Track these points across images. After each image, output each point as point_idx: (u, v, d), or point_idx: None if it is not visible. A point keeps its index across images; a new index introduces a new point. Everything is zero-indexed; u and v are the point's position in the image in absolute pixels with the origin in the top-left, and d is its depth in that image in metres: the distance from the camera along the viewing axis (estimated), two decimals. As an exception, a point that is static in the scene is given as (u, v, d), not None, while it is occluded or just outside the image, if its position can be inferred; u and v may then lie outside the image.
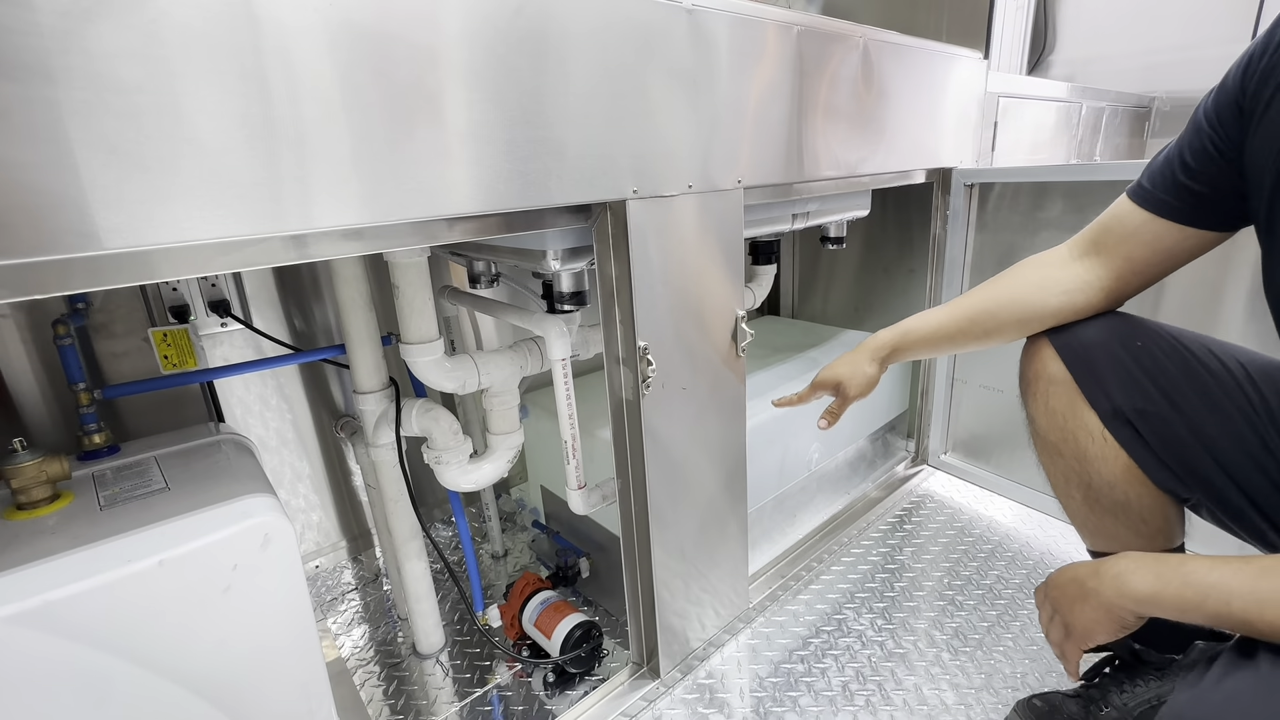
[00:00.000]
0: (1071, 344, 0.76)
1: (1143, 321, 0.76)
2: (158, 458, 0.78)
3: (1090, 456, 0.76)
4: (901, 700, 0.95)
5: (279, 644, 0.68)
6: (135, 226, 0.46)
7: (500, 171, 0.63)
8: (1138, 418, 0.71)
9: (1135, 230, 0.72)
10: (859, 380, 0.88)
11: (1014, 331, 0.80)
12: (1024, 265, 0.81)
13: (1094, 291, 0.75)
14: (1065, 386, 0.76)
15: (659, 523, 0.91)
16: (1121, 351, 0.73)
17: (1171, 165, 0.69)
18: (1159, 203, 0.70)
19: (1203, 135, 0.66)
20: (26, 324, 0.86)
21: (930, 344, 0.85)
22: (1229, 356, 0.71)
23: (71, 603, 0.55)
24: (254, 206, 0.51)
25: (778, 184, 0.96)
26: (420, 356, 0.88)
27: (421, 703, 1.00)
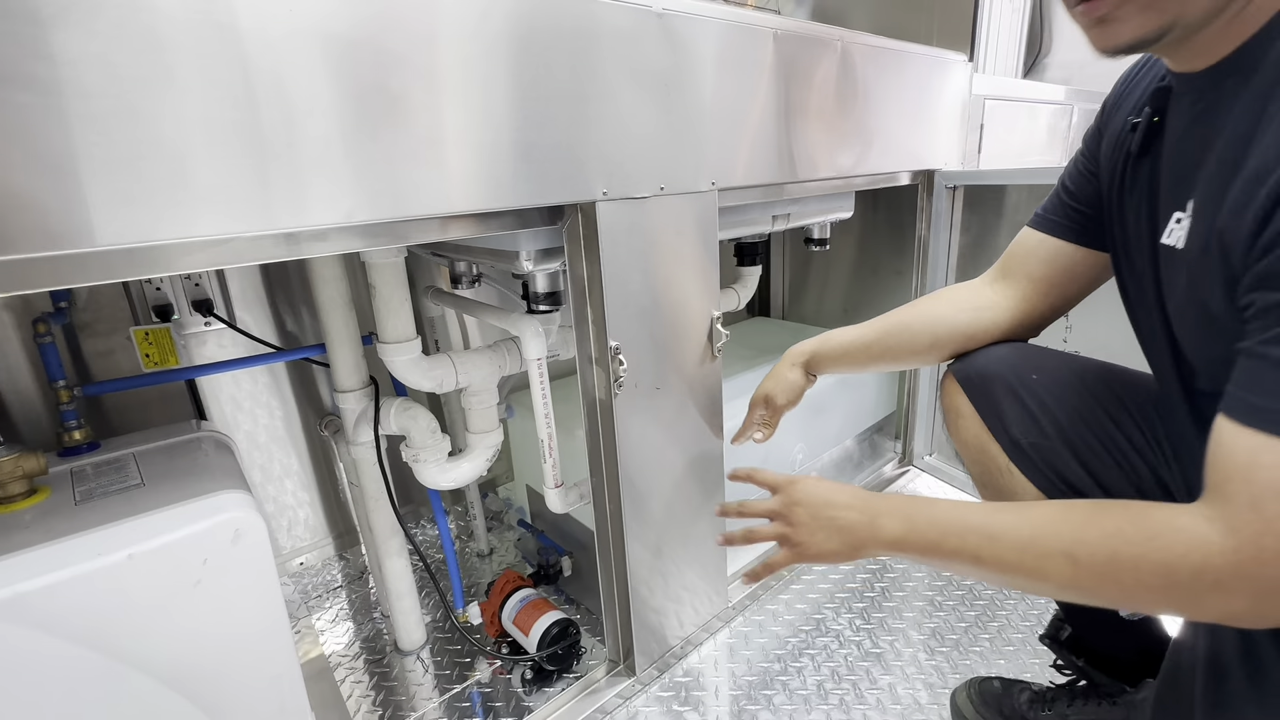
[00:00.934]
0: (971, 376, 0.78)
1: (1043, 352, 0.77)
2: (136, 454, 0.79)
3: (1004, 488, 0.77)
4: (875, 699, 0.96)
5: (251, 638, 0.70)
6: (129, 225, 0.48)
7: (467, 173, 0.64)
8: (1034, 450, 0.72)
9: (1033, 250, 0.75)
10: (783, 388, 0.89)
11: (926, 345, 0.81)
12: (941, 290, 0.85)
13: (1001, 311, 0.77)
14: (971, 420, 0.77)
15: (634, 521, 0.91)
16: (1016, 384, 0.74)
17: (1059, 190, 0.74)
18: (1050, 223, 0.74)
19: (1079, 160, 0.72)
20: (15, 323, 0.88)
21: (848, 354, 0.87)
22: (1129, 386, 0.71)
23: (42, 595, 0.57)
24: (221, 205, 0.52)
25: (754, 186, 0.96)
26: (397, 356, 0.89)
27: (401, 699, 1.01)
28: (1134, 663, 0.79)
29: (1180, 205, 0.53)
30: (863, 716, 0.93)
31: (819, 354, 0.88)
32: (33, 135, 0.44)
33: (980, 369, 0.77)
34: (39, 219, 0.45)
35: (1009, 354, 0.77)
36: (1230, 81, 0.49)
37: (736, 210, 1.03)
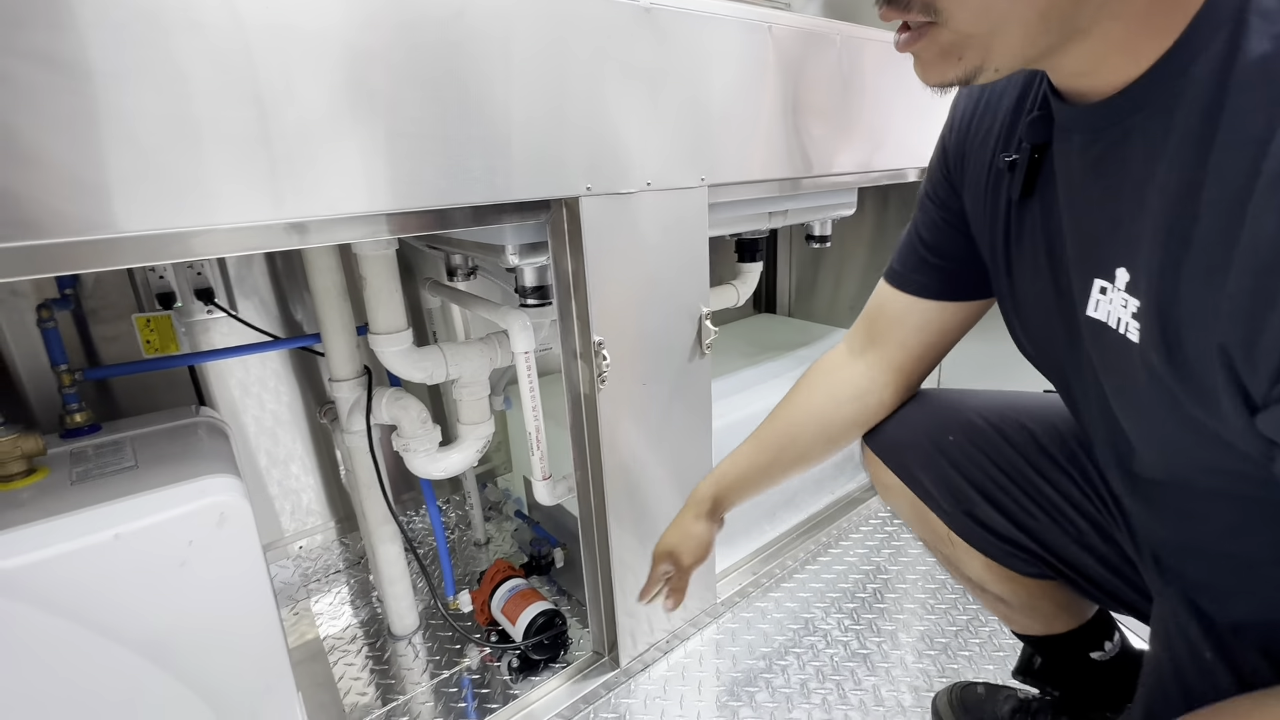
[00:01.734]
0: (890, 450, 0.73)
1: (956, 404, 0.72)
2: (133, 438, 0.82)
3: (952, 557, 0.75)
4: (858, 700, 0.95)
5: (236, 618, 0.72)
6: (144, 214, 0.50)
7: (440, 168, 0.65)
8: (970, 519, 0.69)
9: (901, 316, 0.69)
10: (689, 544, 0.77)
11: (821, 451, 0.75)
12: (813, 375, 0.76)
13: (881, 389, 0.72)
14: (902, 493, 0.74)
15: (618, 515, 0.92)
16: (935, 452, 0.69)
17: (914, 244, 0.67)
18: (915, 284, 0.67)
19: (930, 211, 0.64)
20: (24, 307, 0.91)
21: (749, 484, 0.77)
22: (1051, 430, 0.66)
23: (33, 570, 0.59)
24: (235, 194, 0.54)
25: (747, 182, 0.96)
26: (388, 346, 0.90)
27: (390, 682, 1.04)
28: (1112, 692, 0.78)
29: (1103, 273, 0.43)
30: (844, 716, 0.93)
31: (721, 495, 0.77)
32: (58, 123, 0.46)
33: (895, 440, 0.72)
34: (62, 206, 0.47)
35: (920, 417, 0.72)
36: (1138, 118, 0.39)
37: (730, 206, 1.03)
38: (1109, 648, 0.77)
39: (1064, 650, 0.77)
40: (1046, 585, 0.72)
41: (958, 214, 0.62)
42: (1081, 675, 0.78)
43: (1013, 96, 0.54)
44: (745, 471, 0.76)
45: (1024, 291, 0.55)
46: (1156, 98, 0.38)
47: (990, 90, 0.57)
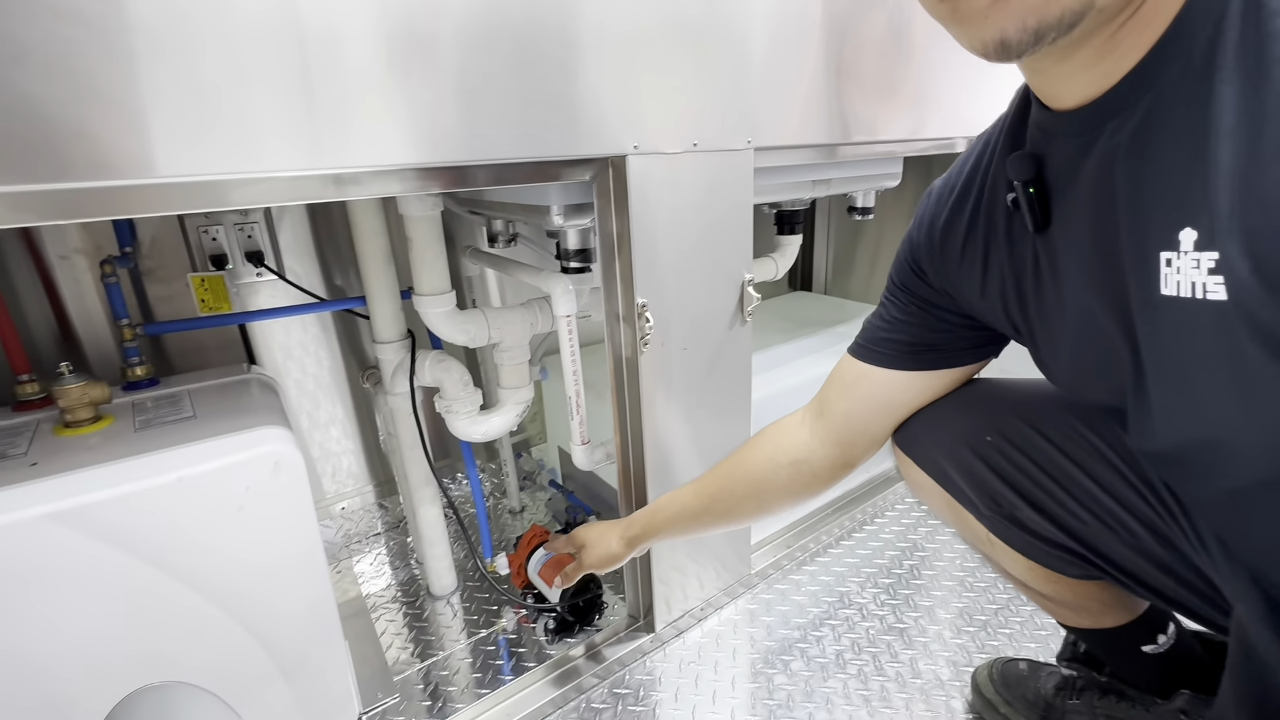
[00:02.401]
0: (923, 452, 0.71)
1: (996, 399, 0.67)
2: (190, 391, 0.85)
3: (993, 557, 0.72)
4: (895, 672, 0.95)
5: (289, 565, 0.74)
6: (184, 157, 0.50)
7: (495, 120, 0.65)
8: (1013, 522, 0.66)
9: (852, 384, 0.70)
10: (599, 552, 0.83)
11: (751, 510, 0.77)
12: (766, 434, 0.78)
13: (819, 460, 0.72)
14: (936, 494, 0.71)
15: (656, 480, 0.92)
16: (972, 456, 0.66)
17: (878, 322, 0.67)
18: (874, 354, 0.67)
19: (899, 299, 0.65)
20: (88, 265, 0.94)
21: (677, 524, 0.81)
22: (1101, 424, 0.61)
23: (102, 507, 0.62)
24: (275, 141, 0.54)
25: (793, 146, 0.94)
26: (432, 308, 0.92)
27: (431, 638, 1.06)
28: (1159, 680, 0.75)
29: (1166, 243, 0.39)
30: (880, 688, 0.92)
31: (649, 528, 0.81)
32: (97, 68, 0.47)
33: (929, 441, 0.69)
34: (103, 150, 0.48)
35: (954, 417, 0.68)
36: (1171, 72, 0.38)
37: (774, 172, 1.01)
38: (1162, 640, 0.74)
39: (1113, 643, 0.75)
40: (1094, 585, 0.69)
41: (928, 300, 0.63)
42: (1132, 667, 0.76)
43: (975, 171, 0.56)
44: (677, 513, 0.80)
45: (1062, 325, 0.52)
46: (1177, 53, 0.37)
47: (946, 184, 0.60)
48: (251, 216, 1.03)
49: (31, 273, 0.93)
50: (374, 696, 0.93)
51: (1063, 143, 0.46)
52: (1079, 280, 0.48)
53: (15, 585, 0.59)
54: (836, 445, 0.71)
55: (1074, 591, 0.70)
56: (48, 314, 0.94)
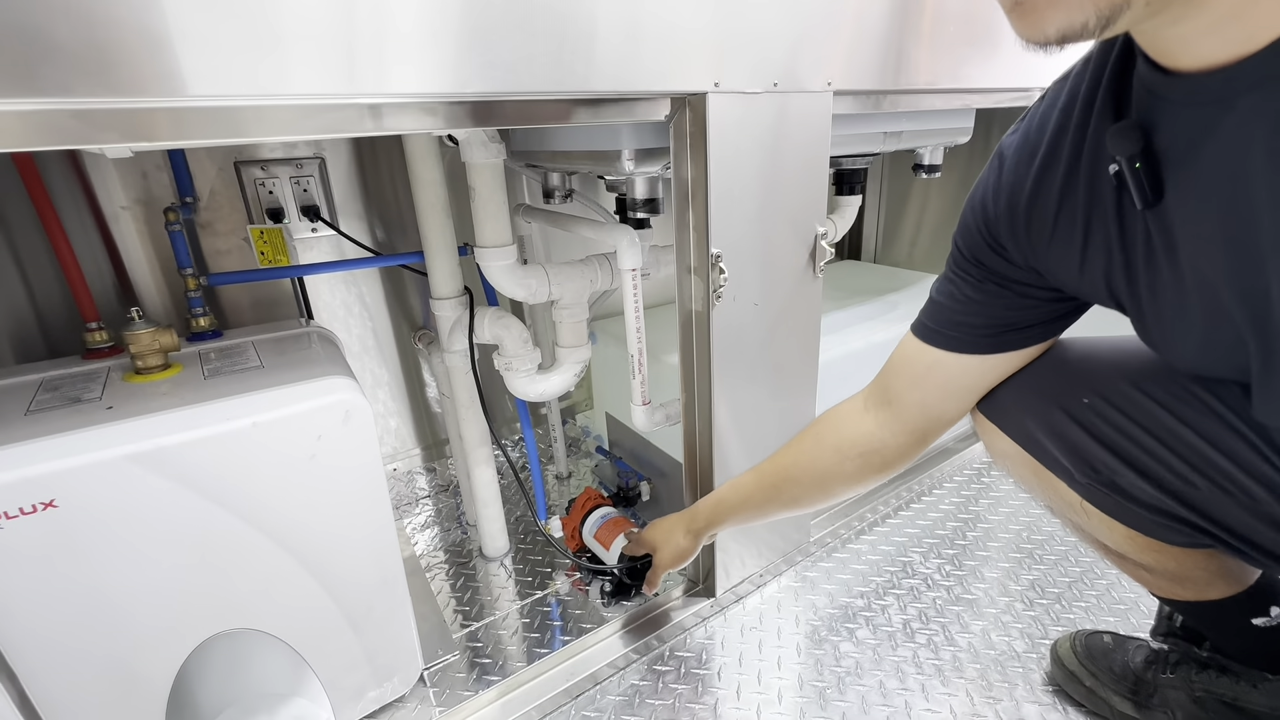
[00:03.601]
0: (1011, 418, 0.66)
1: (1093, 360, 0.63)
2: (254, 342, 0.83)
3: (1086, 526, 0.68)
4: (967, 643, 0.91)
5: (356, 515, 0.73)
6: (220, 75, 0.47)
7: (577, 48, 0.61)
8: (1111, 489, 0.61)
9: (925, 373, 0.65)
10: (670, 550, 0.84)
11: (817, 499, 0.77)
12: (824, 424, 0.76)
13: (889, 450, 0.70)
14: (1023, 462, 0.66)
15: (721, 441, 0.89)
16: (1067, 420, 0.61)
17: (950, 301, 0.62)
18: (947, 339, 0.63)
19: (969, 274, 0.61)
20: (144, 216, 0.93)
21: (740, 514, 0.81)
22: (1216, 382, 0.56)
23: (180, 450, 0.61)
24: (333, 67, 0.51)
25: (872, 91, 0.88)
26: (494, 261, 0.89)
27: (486, 599, 1.06)
28: (1272, 654, 0.71)
29: None
30: (953, 658, 0.89)
31: (714, 519, 0.82)
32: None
33: (1018, 406, 0.65)
34: (130, 63, 0.44)
35: (1047, 378, 0.63)
36: None
37: (848, 121, 0.95)
38: (1276, 613, 0.69)
39: (1218, 616, 0.71)
40: (1200, 554, 0.65)
41: (1007, 277, 0.58)
42: (1239, 641, 0.71)
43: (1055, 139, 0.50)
44: (741, 503, 0.80)
45: (1179, 302, 0.48)
46: None
47: (1024, 147, 0.54)
48: (306, 169, 1.01)
49: (90, 225, 0.92)
50: (434, 653, 0.92)
51: (1181, 113, 0.41)
52: (1200, 259, 0.44)
53: (96, 525, 0.59)
54: (909, 434, 0.69)
55: (1178, 561, 0.66)
56: (106, 267, 0.94)
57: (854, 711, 0.82)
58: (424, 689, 0.87)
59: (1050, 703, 0.82)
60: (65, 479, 0.56)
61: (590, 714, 0.83)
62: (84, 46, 0.43)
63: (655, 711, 0.83)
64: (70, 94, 0.43)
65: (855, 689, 0.85)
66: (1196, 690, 0.73)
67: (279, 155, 1.00)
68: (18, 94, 0.42)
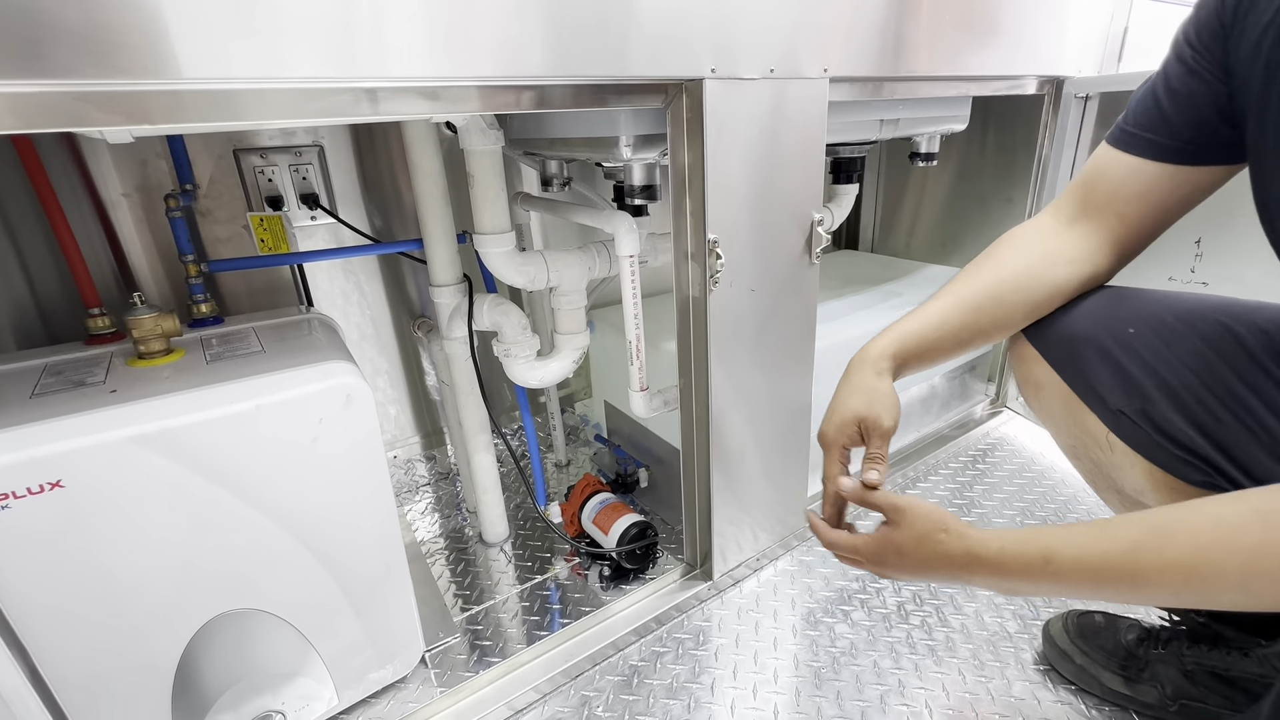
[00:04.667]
0: (1054, 343, 0.67)
1: (1136, 297, 0.66)
2: (255, 328, 0.84)
3: (1106, 464, 0.68)
4: (960, 624, 0.93)
5: (358, 498, 0.74)
6: (216, 57, 0.48)
7: (574, 31, 0.61)
8: (1141, 418, 0.62)
9: (1123, 181, 0.62)
10: (879, 405, 0.64)
11: (1023, 316, 0.69)
12: (1014, 239, 0.69)
13: (1099, 259, 0.66)
14: (1057, 390, 0.67)
15: (718, 426, 0.90)
16: (1112, 344, 0.63)
17: (1156, 99, 0.60)
18: (1146, 143, 0.60)
19: (1185, 60, 0.57)
20: (143, 204, 0.94)
21: (935, 347, 0.69)
22: (1249, 325, 0.59)
23: (183, 432, 0.62)
24: (329, 50, 0.52)
25: (868, 78, 0.89)
26: (492, 248, 0.90)
27: (486, 584, 1.07)
28: (1271, 621, 0.72)
29: None
30: (945, 638, 0.91)
31: (903, 354, 0.67)
32: None
33: (1064, 331, 0.66)
34: (123, 45, 0.45)
35: (1097, 307, 0.65)
36: None
37: (845, 109, 0.96)
38: None
39: None
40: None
41: (1218, 64, 0.55)
42: None
43: None
44: (935, 330, 0.67)
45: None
46: None
47: None
48: (305, 157, 1.02)
49: (90, 212, 0.92)
50: (435, 636, 0.94)
51: None
52: None
53: (101, 506, 0.59)
54: (1115, 245, 0.65)
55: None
56: (106, 254, 0.94)
57: (849, 690, 0.83)
58: (425, 670, 0.88)
59: (1040, 680, 0.83)
60: (71, 460, 0.57)
61: (589, 694, 0.85)
62: (83, 27, 0.43)
63: (653, 691, 0.84)
64: (71, 75, 0.44)
65: (850, 668, 0.86)
66: (1187, 664, 0.75)
67: (278, 143, 1.00)
68: (18, 75, 0.42)
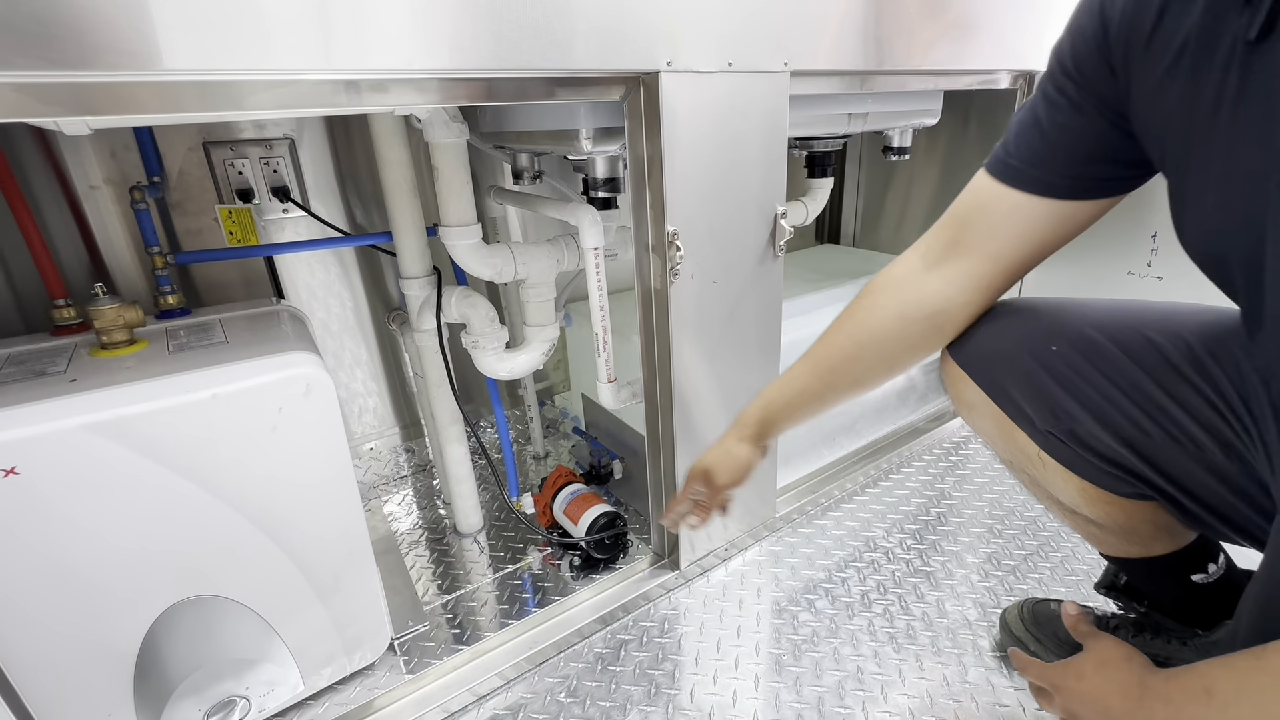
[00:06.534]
0: (979, 364, 0.66)
1: (1058, 312, 0.64)
2: (221, 319, 0.85)
3: (1041, 479, 0.69)
4: (921, 612, 0.94)
5: (320, 487, 0.75)
6: (194, 50, 0.49)
7: (521, 26, 0.62)
8: (1069, 438, 0.63)
9: (1006, 218, 0.59)
10: (727, 464, 0.72)
11: (882, 374, 0.69)
12: (879, 289, 0.67)
13: (960, 308, 0.64)
14: (988, 410, 0.67)
15: (684, 416, 0.91)
16: (1034, 365, 0.62)
17: (1040, 130, 0.56)
18: (1031, 180, 0.56)
19: (1067, 93, 0.54)
20: (115, 196, 0.94)
21: (798, 409, 0.71)
22: (1169, 334, 0.58)
23: (140, 420, 0.63)
24: (296, 41, 0.52)
25: (831, 72, 0.90)
26: (459, 240, 0.90)
27: (459, 573, 1.08)
28: (1205, 610, 0.74)
29: None
30: (906, 626, 0.92)
31: (768, 420, 0.72)
32: None
33: (987, 351, 0.65)
34: (108, 36, 0.46)
35: (1017, 325, 0.64)
36: None
37: (810, 102, 0.97)
38: (1213, 570, 0.72)
39: (1161, 572, 0.73)
40: (1147, 507, 0.67)
41: (1104, 102, 0.52)
42: (1178, 597, 0.74)
43: None
44: (795, 396, 0.71)
45: (1234, 162, 0.44)
46: None
47: None
48: (276, 150, 1.02)
49: (62, 204, 0.93)
50: (405, 624, 0.95)
51: None
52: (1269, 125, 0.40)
53: (58, 493, 0.60)
54: (982, 290, 0.62)
55: (1126, 514, 0.68)
56: (79, 245, 0.95)
57: (807, 676, 0.84)
58: (394, 657, 0.90)
59: (995, 667, 0.84)
60: (26, 446, 0.58)
61: (553, 680, 0.86)
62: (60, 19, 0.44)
63: (616, 677, 0.86)
64: (51, 67, 0.45)
65: (810, 655, 0.88)
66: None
67: (248, 136, 1.01)
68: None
